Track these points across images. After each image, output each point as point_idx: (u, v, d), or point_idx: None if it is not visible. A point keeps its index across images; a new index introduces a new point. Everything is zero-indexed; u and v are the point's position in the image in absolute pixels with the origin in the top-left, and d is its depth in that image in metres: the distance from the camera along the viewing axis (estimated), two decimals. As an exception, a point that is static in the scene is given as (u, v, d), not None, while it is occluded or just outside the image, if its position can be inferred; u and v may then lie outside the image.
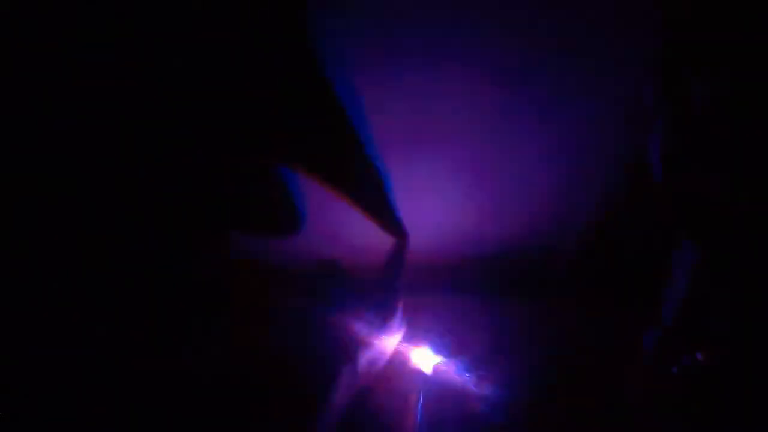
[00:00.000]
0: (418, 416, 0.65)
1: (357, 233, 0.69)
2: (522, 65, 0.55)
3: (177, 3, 0.48)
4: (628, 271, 0.75)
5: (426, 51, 0.54)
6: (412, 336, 0.69)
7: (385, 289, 0.64)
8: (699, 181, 0.59)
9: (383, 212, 0.67)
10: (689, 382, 0.63)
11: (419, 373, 0.68)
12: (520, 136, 0.63)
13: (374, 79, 0.56)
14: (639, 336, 0.69)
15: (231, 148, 0.60)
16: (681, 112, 0.59)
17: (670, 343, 0.65)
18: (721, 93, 0.56)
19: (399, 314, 0.63)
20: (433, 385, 0.68)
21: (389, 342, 0.62)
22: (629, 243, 0.74)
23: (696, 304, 0.63)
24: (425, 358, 0.69)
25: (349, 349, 0.55)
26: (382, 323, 0.60)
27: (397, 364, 0.67)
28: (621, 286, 0.75)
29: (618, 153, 0.65)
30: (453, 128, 0.61)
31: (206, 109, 0.57)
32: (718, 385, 0.61)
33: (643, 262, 0.71)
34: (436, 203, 0.70)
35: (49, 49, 0.51)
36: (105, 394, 0.65)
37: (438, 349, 0.70)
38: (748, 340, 0.60)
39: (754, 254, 0.58)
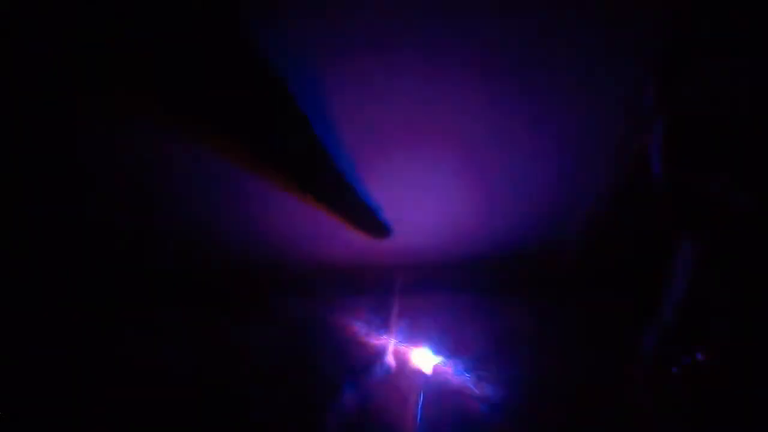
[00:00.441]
0: (418, 416, 0.65)
1: (355, 234, 0.69)
2: (520, 64, 0.55)
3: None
4: (628, 271, 0.75)
5: (421, 50, 0.53)
6: (412, 336, 0.68)
7: (384, 289, 0.64)
8: (699, 181, 0.59)
9: (358, 216, 0.66)
10: (689, 382, 0.63)
11: (419, 373, 0.68)
12: (519, 135, 0.63)
13: (369, 79, 0.56)
14: (639, 336, 0.69)
15: (207, 150, 0.59)
16: (681, 112, 0.59)
17: (670, 343, 0.65)
18: (721, 93, 0.56)
19: (398, 314, 0.63)
20: (433, 385, 0.68)
21: (388, 342, 0.62)
22: (629, 243, 0.74)
23: (696, 304, 0.63)
24: (425, 358, 0.69)
25: (348, 349, 0.55)
26: (381, 323, 0.60)
27: (397, 364, 0.67)
28: (621, 286, 0.75)
29: (618, 153, 0.65)
30: (451, 128, 0.61)
31: (180, 110, 0.55)
32: (718, 385, 0.61)
33: (643, 262, 0.70)
34: (435, 204, 0.70)
35: (48, 49, 0.51)
36: (105, 394, 0.65)
37: (438, 349, 0.70)
38: (748, 340, 0.59)
39: (754, 254, 0.58)
